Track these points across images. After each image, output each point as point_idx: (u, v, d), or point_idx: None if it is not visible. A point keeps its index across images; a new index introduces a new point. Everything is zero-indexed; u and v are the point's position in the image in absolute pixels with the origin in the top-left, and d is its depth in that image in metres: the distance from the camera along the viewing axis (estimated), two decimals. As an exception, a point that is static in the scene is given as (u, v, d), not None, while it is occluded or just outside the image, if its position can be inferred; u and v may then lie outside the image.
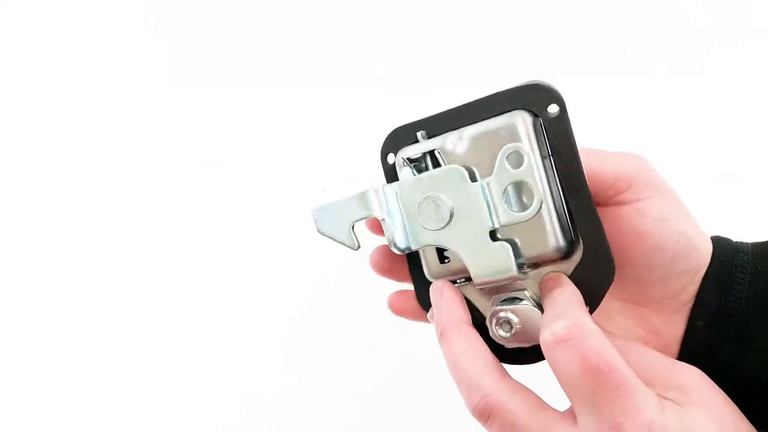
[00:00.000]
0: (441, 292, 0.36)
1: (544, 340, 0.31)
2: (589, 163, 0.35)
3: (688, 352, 0.38)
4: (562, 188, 0.34)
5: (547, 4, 0.81)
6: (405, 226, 0.36)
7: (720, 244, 0.38)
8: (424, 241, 0.36)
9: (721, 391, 0.33)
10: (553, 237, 0.34)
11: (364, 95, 0.80)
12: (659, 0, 0.80)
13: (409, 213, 0.36)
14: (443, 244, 0.35)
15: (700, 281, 0.38)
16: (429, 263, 0.38)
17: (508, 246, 0.34)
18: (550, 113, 0.34)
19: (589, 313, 0.32)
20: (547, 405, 0.32)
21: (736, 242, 0.39)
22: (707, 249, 0.38)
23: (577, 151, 0.34)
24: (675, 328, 0.39)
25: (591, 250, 0.34)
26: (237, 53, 0.84)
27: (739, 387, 0.37)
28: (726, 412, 0.32)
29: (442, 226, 0.35)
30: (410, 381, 0.74)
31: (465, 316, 0.35)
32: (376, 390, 0.75)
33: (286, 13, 0.84)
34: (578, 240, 0.34)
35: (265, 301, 0.78)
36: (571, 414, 0.31)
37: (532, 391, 0.32)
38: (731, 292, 0.37)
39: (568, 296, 0.33)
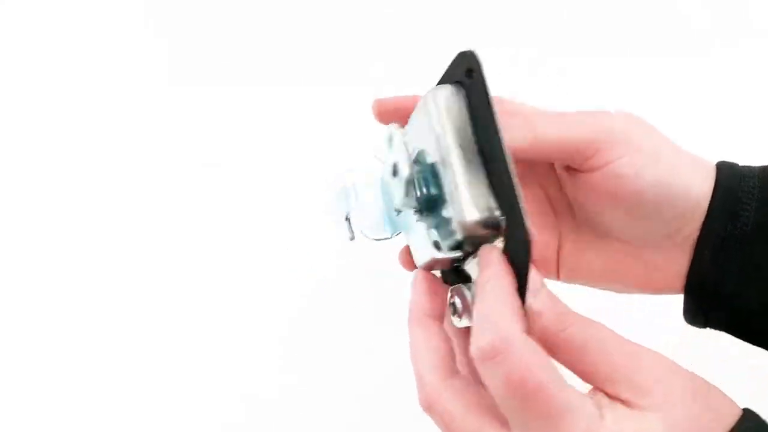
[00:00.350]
0: (415, 282, 0.35)
1: (472, 354, 0.29)
2: (550, 129, 0.34)
3: (693, 285, 0.38)
4: (484, 158, 0.32)
5: (544, 7, 0.81)
6: (386, 218, 0.37)
7: (725, 171, 0.37)
8: (392, 229, 0.37)
9: (691, 386, 0.30)
10: (469, 210, 0.31)
11: (364, 95, 0.79)
12: (659, 0, 0.80)
13: (386, 206, 0.37)
14: (402, 230, 0.37)
15: (702, 217, 0.36)
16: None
17: (423, 224, 0.34)
18: (470, 80, 0.32)
19: (520, 308, 0.29)
20: (491, 412, 0.30)
21: (743, 167, 0.38)
22: (700, 185, 0.36)
23: (493, 117, 0.30)
24: (677, 262, 0.38)
25: (510, 222, 0.31)
26: (237, 53, 0.84)
27: (745, 319, 0.37)
28: (686, 412, 0.29)
29: (398, 213, 0.36)
30: (410, 381, 0.73)
31: (429, 307, 0.34)
32: (376, 390, 0.75)
33: (286, 14, 0.84)
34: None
35: (265, 301, 0.78)
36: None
37: (482, 393, 0.31)
38: (738, 220, 0.36)
39: (494, 285, 0.30)
